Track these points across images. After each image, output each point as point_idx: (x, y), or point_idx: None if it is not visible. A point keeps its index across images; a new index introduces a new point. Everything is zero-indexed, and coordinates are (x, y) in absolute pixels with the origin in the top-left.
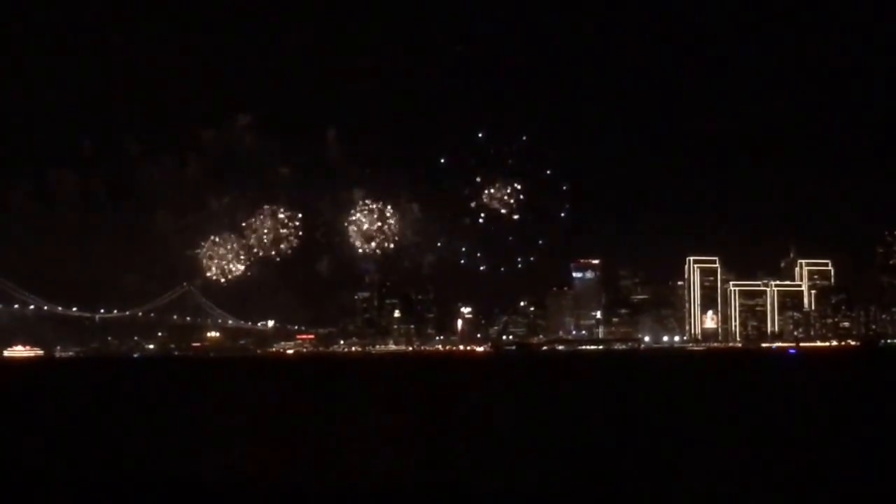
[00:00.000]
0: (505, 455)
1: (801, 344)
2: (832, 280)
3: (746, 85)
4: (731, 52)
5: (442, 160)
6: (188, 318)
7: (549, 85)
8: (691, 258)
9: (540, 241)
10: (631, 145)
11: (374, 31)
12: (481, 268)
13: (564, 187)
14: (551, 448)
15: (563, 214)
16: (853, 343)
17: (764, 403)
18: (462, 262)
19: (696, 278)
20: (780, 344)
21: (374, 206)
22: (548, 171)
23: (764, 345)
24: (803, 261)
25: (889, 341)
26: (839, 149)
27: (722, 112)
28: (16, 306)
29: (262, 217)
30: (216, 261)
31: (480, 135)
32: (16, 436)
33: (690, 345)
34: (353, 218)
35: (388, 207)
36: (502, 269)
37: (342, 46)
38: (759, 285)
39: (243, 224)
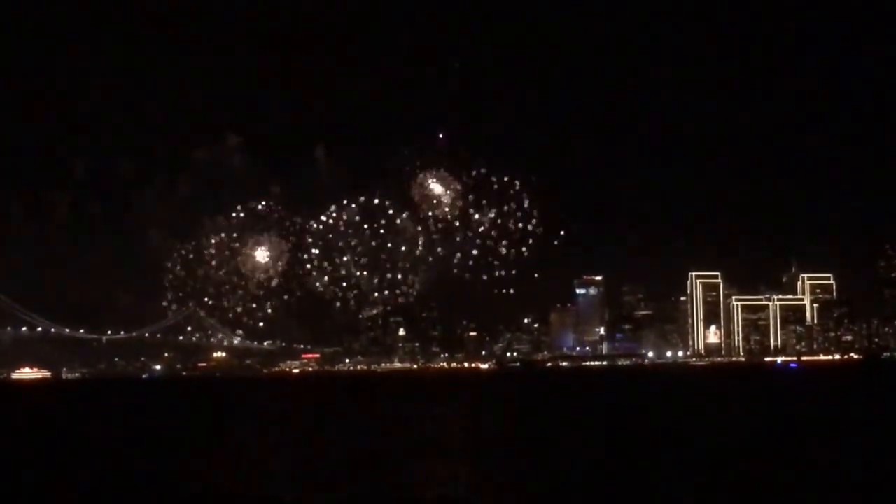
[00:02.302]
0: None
1: (804, 358)
2: (834, 294)
3: (747, 100)
4: (731, 68)
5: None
6: (194, 339)
7: (548, 100)
8: (693, 273)
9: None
10: (632, 162)
11: (368, 45)
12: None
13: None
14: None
15: (562, 232)
16: (856, 356)
17: (764, 418)
18: (461, 275)
19: (698, 293)
20: (783, 358)
21: (369, 223)
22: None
23: (767, 359)
24: (805, 275)
25: (891, 354)
26: (840, 163)
27: (722, 127)
28: (23, 329)
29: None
30: (214, 281)
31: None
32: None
33: (694, 360)
34: (348, 235)
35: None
36: (510, 289)
37: (333, 62)
38: (761, 300)
39: (236, 245)
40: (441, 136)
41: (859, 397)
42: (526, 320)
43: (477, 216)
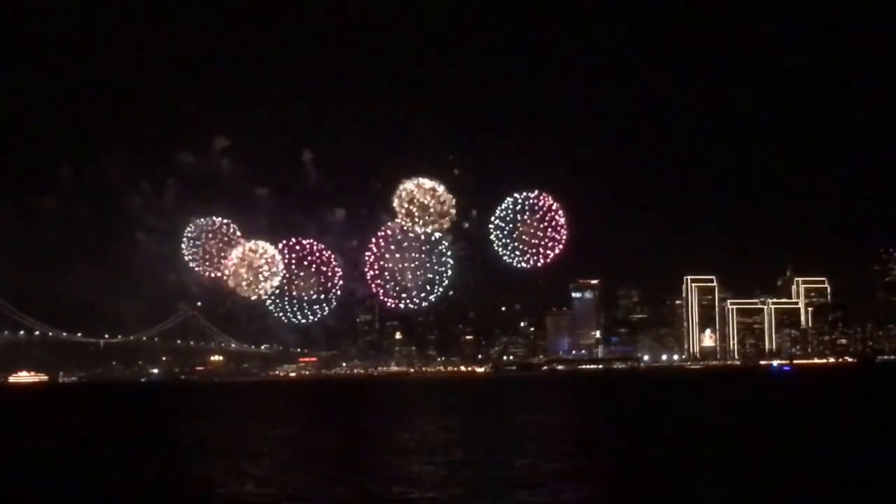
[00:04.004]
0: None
1: (799, 361)
2: (829, 297)
3: (742, 105)
4: (726, 72)
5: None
6: (192, 343)
7: (543, 103)
8: (689, 277)
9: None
10: (628, 165)
11: (358, 51)
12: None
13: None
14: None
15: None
16: (850, 360)
17: (751, 421)
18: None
19: (693, 297)
20: (778, 361)
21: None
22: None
23: (762, 362)
24: (800, 279)
25: (885, 358)
26: (835, 168)
27: (717, 132)
28: (21, 332)
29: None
30: (210, 285)
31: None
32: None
33: (689, 363)
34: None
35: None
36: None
37: (324, 67)
38: (756, 303)
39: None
40: (430, 142)
41: (850, 401)
42: (522, 324)
43: (468, 223)
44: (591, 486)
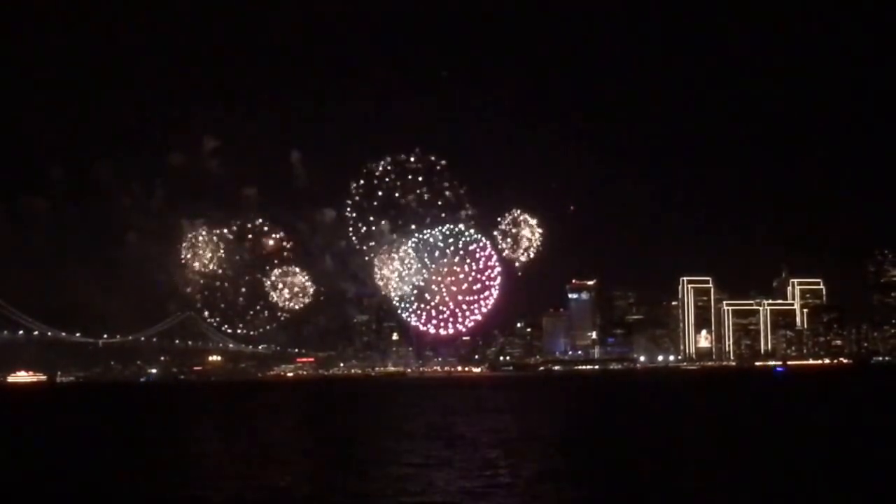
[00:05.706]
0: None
1: (795, 362)
2: (824, 299)
3: (739, 106)
4: (724, 74)
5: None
6: (189, 343)
7: (538, 107)
8: (685, 278)
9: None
10: (624, 168)
11: (353, 52)
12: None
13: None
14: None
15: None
16: (845, 361)
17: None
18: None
19: (689, 298)
20: (774, 362)
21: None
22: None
23: (758, 363)
24: (795, 280)
25: (880, 359)
26: (830, 169)
27: (714, 133)
28: (19, 332)
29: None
30: (206, 286)
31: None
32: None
33: (685, 364)
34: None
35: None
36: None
37: (314, 66)
38: (751, 304)
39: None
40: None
41: (845, 401)
42: (519, 325)
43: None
44: (581, 487)
